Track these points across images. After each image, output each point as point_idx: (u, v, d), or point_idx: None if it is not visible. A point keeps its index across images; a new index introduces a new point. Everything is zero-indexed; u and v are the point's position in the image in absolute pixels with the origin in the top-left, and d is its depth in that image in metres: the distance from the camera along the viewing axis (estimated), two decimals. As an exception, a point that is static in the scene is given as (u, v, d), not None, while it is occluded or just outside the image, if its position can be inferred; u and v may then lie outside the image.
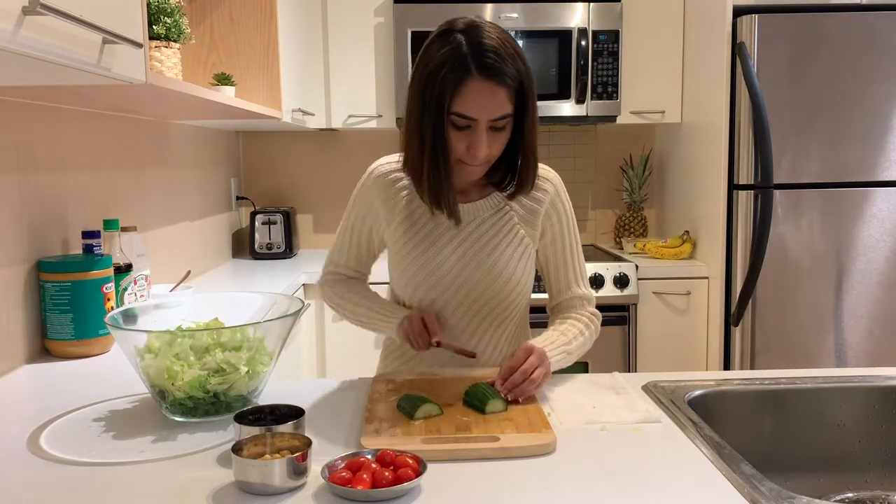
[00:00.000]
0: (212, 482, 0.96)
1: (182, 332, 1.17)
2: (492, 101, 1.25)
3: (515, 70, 1.26)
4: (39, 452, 1.07)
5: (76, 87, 1.38)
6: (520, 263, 1.43)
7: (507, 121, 1.29)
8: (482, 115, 1.26)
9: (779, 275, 2.67)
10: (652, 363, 2.86)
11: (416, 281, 1.43)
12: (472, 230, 1.42)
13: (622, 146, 3.47)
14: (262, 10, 2.50)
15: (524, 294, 1.47)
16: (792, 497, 0.90)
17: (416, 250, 1.42)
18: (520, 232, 1.43)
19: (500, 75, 1.24)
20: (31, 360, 1.59)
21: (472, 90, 1.24)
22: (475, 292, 1.42)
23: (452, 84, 1.24)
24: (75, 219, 1.80)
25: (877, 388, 1.36)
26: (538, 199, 1.44)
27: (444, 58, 1.25)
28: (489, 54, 1.23)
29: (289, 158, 3.45)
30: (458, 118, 1.26)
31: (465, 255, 1.42)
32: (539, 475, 0.98)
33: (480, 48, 1.24)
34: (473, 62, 1.23)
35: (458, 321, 1.45)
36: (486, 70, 1.23)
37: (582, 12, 2.94)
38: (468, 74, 1.23)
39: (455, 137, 1.29)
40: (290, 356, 2.48)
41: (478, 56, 1.23)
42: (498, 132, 1.29)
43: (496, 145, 1.31)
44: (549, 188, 1.45)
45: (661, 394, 1.29)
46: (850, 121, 2.63)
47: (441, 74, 1.25)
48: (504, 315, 1.46)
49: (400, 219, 1.44)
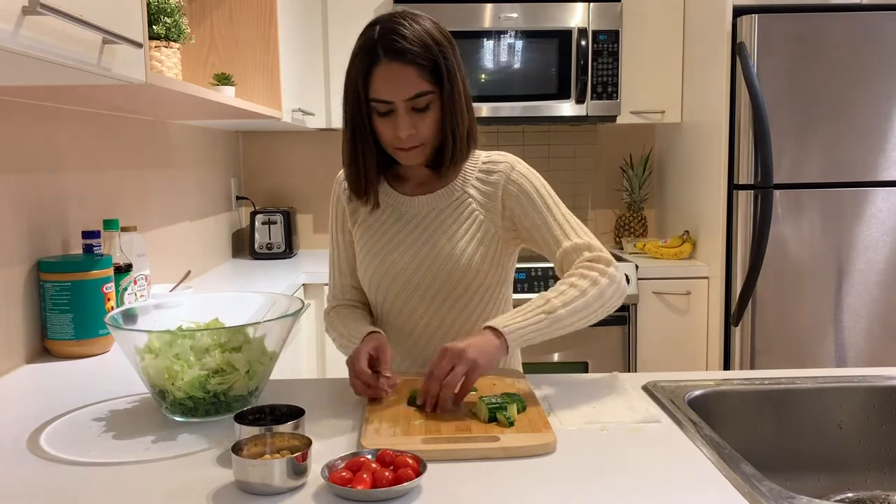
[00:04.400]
0: (212, 482, 0.96)
1: (182, 333, 1.17)
2: (402, 81, 1.28)
3: (423, 48, 1.28)
4: (39, 452, 1.07)
5: (76, 87, 1.38)
6: (480, 247, 1.40)
7: (429, 100, 1.30)
8: (395, 96, 1.28)
9: (779, 275, 2.67)
10: (652, 363, 2.86)
11: (378, 277, 1.43)
12: (430, 221, 1.42)
13: (622, 146, 3.47)
14: (262, 10, 2.50)
15: (487, 279, 1.42)
16: (792, 497, 0.90)
17: (376, 247, 1.43)
18: (479, 217, 1.41)
19: (405, 54, 1.27)
20: (31, 360, 1.59)
21: (381, 74, 1.28)
22: (435, 283, 1.40)
23: (364, 71, 1.29)
24: (75, 219, 1.80)
25: (877, 388, 1.36)
26: (493, 182, 1.42)
27: (358, 48, 1.31)
28: (395, 37, 1.27)
29: (289, 158, 3.45)
30: (377, 104, 1.30)
31: (423, 247, 1.41)
32: (539, 475, 0.98)
33: (389, 34, 1.27)
34: (381, 47, 1.27)
35: (422, 314, 1.43)
36: (391, 52, 1.27)
37: (582, 12, 2.94)
38: (376, 59, 1.28)
39: (381, 125, 1.32)
40: (290, 356, 2.48)
41: (385, 41, 1.27)
42: (421, 112, 1.31)
43: (422, 125, 1.32)
44: (503, 167, 1.43)
45: (661, 394, 1.29)
46: (850, 121, 2.63)
47: (355, 64, 1.30)
48: (468, 304, 1.42)
49: (362, 218, 1.46)
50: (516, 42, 2.95)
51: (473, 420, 1.14)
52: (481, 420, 1.14)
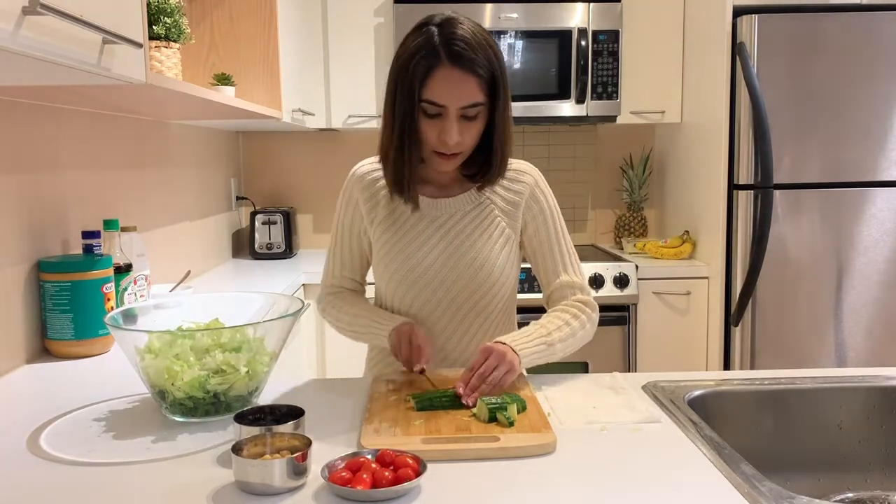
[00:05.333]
0: (212, 482, 0.96)
1: (182, 333, 1.17)
2: (461, 88, 1.28)
3: (486, 60, 1.29)
4: (39, 452, 1.07)
5: (76, 87, 1.38)
6: (501, 254, 1.43)
7: (479, 110, 1.32)
8: (452, 102, 1.29)
9: (779, 275, 2.67)
10: (652, 363, 2.86)
11: (399, 277, 1.44)
12: (453, 225, 1.43)
13: (622, 146, 3.46)
14: (262, 10, 2.50)
15: (507, 286, 1.47)
16: (792, 497, 0.90)
17: (398, 247, 1.43)
18: (501, 224, 1.44)
19: (469, 63, 1.27)
20: (31, 360, 1.59)
21: (441, 77, 1.28)
22: (457, 286, 1.43)
23: (423, 71, 1.28)
24: (75, 219, 1.80)
25: (877, 388, 1.36)
26: (517, 192, 1.45)
27: (417, 48, 1.30)
28: (459, 43, 1.27)
29: (289, 158, 3.45)
30: (428, 105, 1.30)
31: (447, 250, 1.42)
32: (539, 475, 0.98)
33: (451, 38, 1.28)
34: (444, 50, 1.28)
35: (440, 317, 1.45)
36: (455, 58, 1.27)
37: (582, 12, 2.94)
38: (438, 62, 1.28)
39: (427, 125, 1.33)
40: (290, 356, 2.48)
41: (448, 45, 1.28)
42: (469, 121, 1.32)
43: (468, 135, 1.33)
44: (528, 179, 1.46)
45: (661, 394, 1.29)
46: (850, 121, 2.63)
47: (413, 63, 1.29)
48: (488, 309, 1.46)
49: (381, 217, 1.46)
50: (516, 42, 2.95)
51: (473, 420, 1.14)
52: (481, 420, 1.14)
